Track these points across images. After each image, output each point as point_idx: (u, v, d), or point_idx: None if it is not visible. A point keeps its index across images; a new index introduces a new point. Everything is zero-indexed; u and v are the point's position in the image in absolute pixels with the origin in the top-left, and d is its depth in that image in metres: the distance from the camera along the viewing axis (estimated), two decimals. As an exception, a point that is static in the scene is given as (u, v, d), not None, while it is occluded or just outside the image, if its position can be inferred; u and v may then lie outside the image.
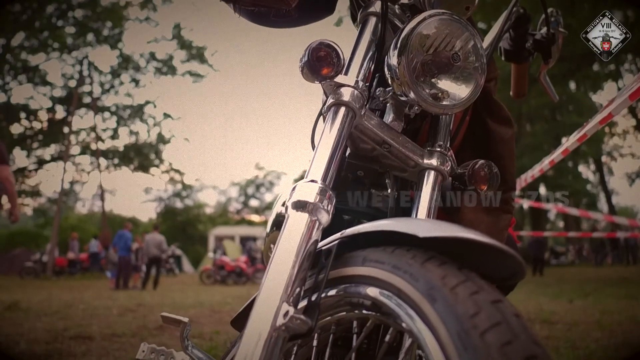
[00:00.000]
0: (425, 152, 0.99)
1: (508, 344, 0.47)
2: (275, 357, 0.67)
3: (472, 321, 0.50)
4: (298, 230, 0.76)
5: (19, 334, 4.39)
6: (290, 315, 0.67)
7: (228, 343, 3.93)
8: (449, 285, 0.55)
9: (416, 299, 0.58)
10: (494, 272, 0.62)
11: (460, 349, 0.48)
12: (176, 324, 1.22)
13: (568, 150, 2.25)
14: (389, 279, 0.64)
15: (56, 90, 26.18)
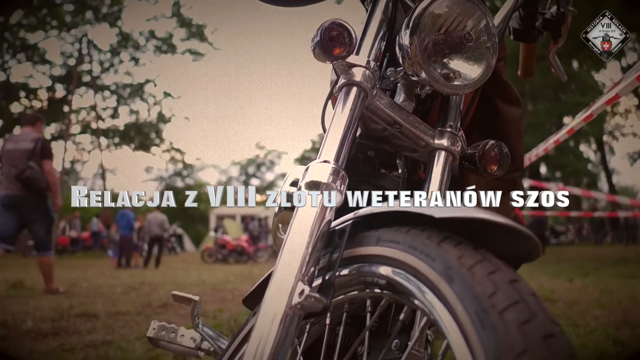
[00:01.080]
0: (436, 133, 0.99)
1: (527, 322, 0.48)
2: (290, 335, 0.68)
3: (490, 300, 0.50)
4: (312, 211, 0.76)
5: (25, 312, 4.44)
6: (305, 294, 0.68)
7: (232, 321, 3.98)
8: (466, 265, 0.56)
9: (433, 278, 0.58)
10: (508, 251, 0.63)
11: (478, 327, 0.49)
12: (187, 302, 1.23)
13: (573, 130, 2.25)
14: (404, 258, 0.64)
15: (55, 68, 26.04)
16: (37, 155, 5.36)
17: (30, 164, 5.28)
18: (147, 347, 3.04)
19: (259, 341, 0.67)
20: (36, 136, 5.58)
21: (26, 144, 5.44)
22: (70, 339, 3.47)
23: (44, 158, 5.40)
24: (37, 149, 5.39)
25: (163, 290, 6.66)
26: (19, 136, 5.69)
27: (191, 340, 1.29)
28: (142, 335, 3.42)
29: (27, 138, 5.52)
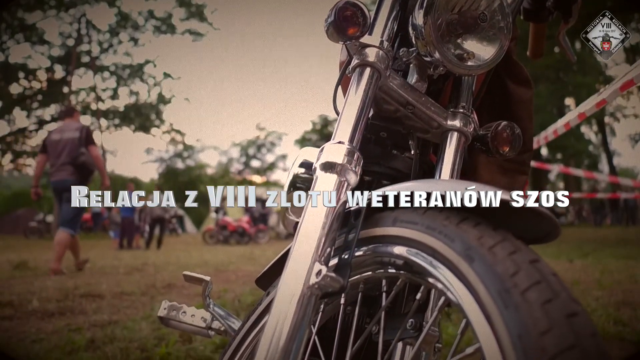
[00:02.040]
0: (448, 114, 0.99)
1: (549, 301, 0.48)
2: (308, 315, 0.69)
3: (512, 280, 0.51)
4: (327, 191, 0.77)
5: (30, 293, 4.47)
6: (323, 274, 0.69)
7: (236, 301, 4.01)
8: (487, 245, 0.56)
9: (452, 258, 0.59)
10: (526, 232, 0.63)
11: (501, 306, 0.50)
12: (198, 283, 1.24)
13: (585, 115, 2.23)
14: (422, 239, 0.65)
15: (54, 49, 25.87)
16: (84, 141, 5.99)
17: (82, 150, 5.91)
18: (153, 327, 3.07)
19: (277, 320, 0.68)
20: (79, 125, 6.18)
21: (72, 133, 6.02)
22: (76, 319, 3.50)
23: (90, 144, 6.06)
24: (84, 137, 6.02)
25: (166, 271, 6.70)
26: (63, 127, 6.24)
27: (201, 319, 1.30)
28: (147, 315, 3.45)
29: (72, 128, 6.11)
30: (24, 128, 27.18)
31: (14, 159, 28.97)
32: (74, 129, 6.10)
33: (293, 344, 0.67)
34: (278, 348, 0.66)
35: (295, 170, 1.27)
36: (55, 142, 6.05)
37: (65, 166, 5.94)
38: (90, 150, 6.03)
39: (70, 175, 5.92)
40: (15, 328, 3.23)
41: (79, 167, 5.93)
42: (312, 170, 0.81)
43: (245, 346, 0.92)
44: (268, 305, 0.91)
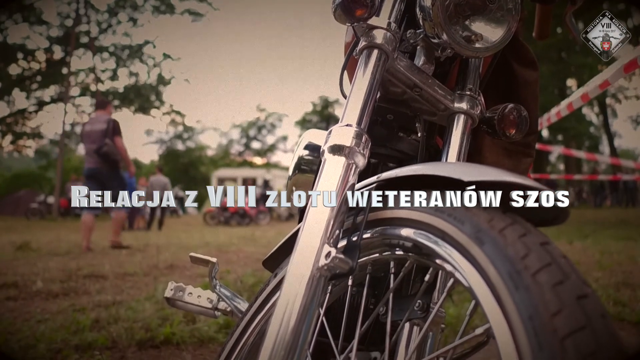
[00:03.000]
0: (455, 96, 0.98)
1: (560, 283, 0.49)
2: (317, 296, 0.70)
3: (523, 262, 0.51)
4: (335, 174, 0.77)
5: (34, 273, 4.51)
6: (332, 255, 0.69)
7: (238, 282, 4.04)
8: (497, 228, 0.57)
9: (462, 241, 0.59)
10: (535, 215, 0.63)
11: (511, 288, 0.50)
12: (204, 264, 1.25)
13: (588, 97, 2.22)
14: (431, 221, 0.65)
15: (53, 29, 25.66)
16: (110, 133, 6.60)
17: (106, 141, 6.52)
18: (156, 307, 3.10)
19: (287, 302, 0.69)
20: (108, 118, 6.82)
21: (101, 124, 6.67)
22: (80, 299, 3.53)
23: (116, 135, 6.65)
24: (110, 128, 6.63)
25: (168, 252, 6.74)
26: (95, 119, 6.95)
27: (207, 300, 1.32)
28: (151, 295, 3.48)
29: (101, 120, 6.76)
30: (24, 109, 27.10)
31: (14, 140, 28.95)
32: (103, 121, 6.71)
33: (303, 324, 0.68)
34: (288, 329, 0.67)
35: (300, 153, 1.27)
36: (87, 133, 6.74)
37: (93, 155, 6.60)
38: (115, 141, 6.61)
39: (97, 164, 6.60)
40: (20, 308, 3.26)
41: (102, 156, 6.53)
42: (320, 153, 0.81)
43: (254, 326, 0.93)
44: (276, 286, 0.92)
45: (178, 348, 2.45)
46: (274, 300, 0.91)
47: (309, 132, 1.34)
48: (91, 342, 2.38)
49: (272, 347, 0.66)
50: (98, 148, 6.53)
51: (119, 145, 6.68)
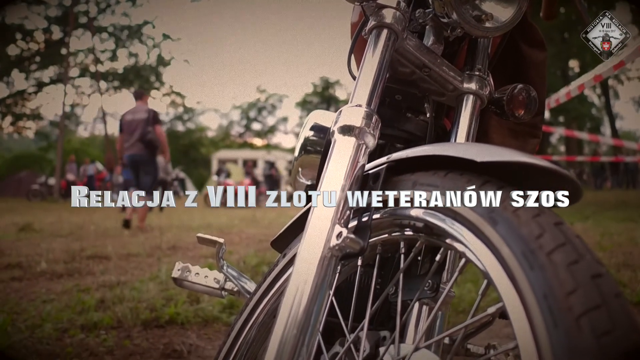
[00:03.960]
0: (464, 76, 0.98)
1: (574, 263, 0.49)
2: (328, 276, 0.70)
3: (537, 242, 0.52)
4: (346, 154, 0.77)
5: (37, 254, 4.53)
6: (343, 236, 0.69)
7: (241, 262, 4.07)
8: (510, 208, 0.57)
9: (475, 221, 0.60)
10: (548, 195, 0.64)
11: (526, 268, 0.51)
12: (212, 245, 1.25)
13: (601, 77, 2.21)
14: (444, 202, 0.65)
15: (51, 9, 25.42)
16: (151, 122, 7.19)
17: (149, 129, 7.10)
18: (160, 288, 3.13)
19: (299, 282, 0.69)
20: (147, 108, 7.46)
21: (142, 114, 7.23)
22: (84, 279, 3.56)
23: (156, 124, 7.31)
24: (151, 118, 7.21)
25: (170, 233, 6.76)
26: (135, 109, 7.45)
27: (214, 280, 1.33)
28: (154, 276, 3.51)
29: (142, 110, 7.34)
30: (23, 90, 26.99)
31: (14, 121, 28.88)
32: (144, 111, 7.29)
33: (314, 304, 0.68)
34: (300, 308, 0.67)
35: (306, 134, 1.27)
36: (128, 122, 7.24)
37: (136, 143, 7.11)
38: (155, 129, 7.22)
39: (141, 151, 7.15)
40: (25, 289, 3.29)
41: (146, 143, 7.11)
42: (330, 133, 0.81)
43: (263, 306, 0.94)
44: (285, 266, 0.92)
45: (183, 328, 2.48)
46: (283, 280, 0.92)
47: (314, 113, 1.34)
48: (97, 322, 2.41)
49: (284, 326, 0.67)
50: (142, 136, 7.07)
51: (159, 132, 7.35)
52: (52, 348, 2.09)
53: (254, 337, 0.95)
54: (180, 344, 2.24)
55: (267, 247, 5.20)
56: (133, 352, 2.15)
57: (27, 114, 28.43)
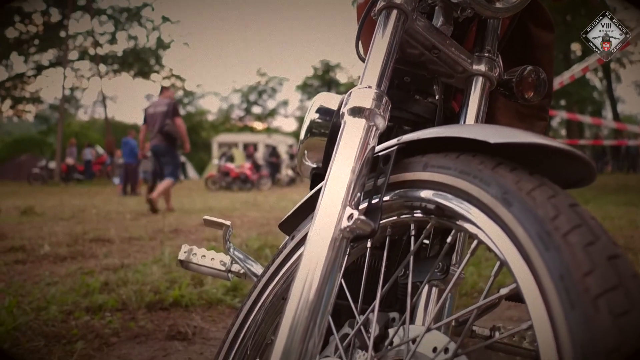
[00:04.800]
0: (474, 58, 0.97)
1: (591, 244, 0.49)
2: (339, 258, 0.70)
3: (553, 223, 0.51)
4: (356, 136, 0.76)
5: (40, 237, 4.55)
6: (355, 218, 0.69)
7: (244, 245, 4.08)
8: (525, 189, 0.57)
9: (488, 202, 0.59)
10: (560, 176, 0.63)
11: (541, 249, 0.51)
12: (218, 227, 1.26)
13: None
14: (456, 184, 0.65)
15: (49, -9, 25.19)
16: (170, 114, 7.66)
17: (167, 121, 7.59)
18: (164, 271, 3.14)
19: (310, 264, 0.69)
20: (168, 101, 7.91)
21: (162, 107, 7.74)
22: (87, 262, 3.58)
23: (176, 116, 7.78)
24: (170, 110, 7.70)
25: (172, 216, 6.78)
26: (157, 102, 8.05)
27: (220, 263, 1.33)
28: (157, 259, 3.52)
29: (163, 103, 7.85)
30: (22, 73, 26.87)
31: (13, 105, 28.79)
32: (164, 104, 7.78)
33: (326, 286, 0.68)
34: (311, 290, 0.68)
35: (312, 116, 1.26)
36: (151, 115, 7.80)
37: (157, 134, 7.64)
38: (175, 121, 7.69)
39: (161, 142, 7.66)
40: (29, 271, 3.30)
41: (165, 134, 7.58)
42: (340, 115, 0.80)
43: (271, 288, 0.94)
44: (294, 248, 0.92)
45: (187, 310, 2.49)
46: (291, 262, 0.92)
47: (320, 95, 1.33)
48: (101, 304, 2.42)
49: (296, 307, 0.67)
50: (160, 128, 7.56)
51: (178, 124, 7.74)
52: (58, 330, 2.10)
53: (263, 318, 0.95)
54: (185, 326, 2.25)
55: (269, 231, 5.21)
56: (138, 334, 2.16)
57: (27, 97, 28.35)
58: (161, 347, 2.07)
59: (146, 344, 2.09)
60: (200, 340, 2.16)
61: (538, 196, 0.55)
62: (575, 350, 0.44)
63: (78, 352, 1.93)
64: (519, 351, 0.94)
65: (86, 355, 1.94)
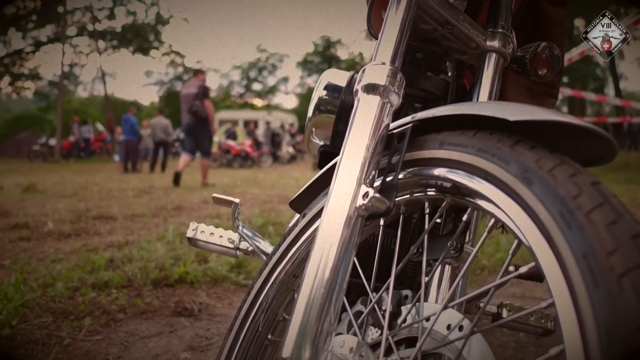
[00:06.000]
0: (487, 34, 0.96)
1: (614, 223, 0.48)
2: (354, 236, 0.70)
3: (575, 202, 0.51)
4: (370, 113, 0.75)
5: (44, 215, 4.56)
6: (370, 196, 0.69)
7: (247, 222, 4.09)
8: (546, 167, 0.56)
9: (508, 181, 0.59)
10: (580, 154, 0.63)
11: (563, 228, 0.50)
12: (227, 205, 1.25)
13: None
14: (473, 162, 0.64)
15: (46, -34, 24.83)
16: (200, 96, 8.39)
17: (196, 102, 8.33)
18: (168, 248, 3.15)
19: (324, 243, 0.69)
20: (199, 83, 8.62)
21: (193, 89, 8.51)
22: (91, 239, 3.59)
23: (205, 98, 8.50)
24: (200, 93, 8.42)
25: (174, 193, 6.79)
26: (189, 84, 8.91)
27: (229, 240, 1.34)
28: (161, 236, 3.53)
29: (194, 85, 8.62)
30: (21, 50, 26.65)
31: (12, 81, 28.62)
32: (195, 87, 8.51)
33: (341, 264, 0.68)
34: (327, 268, 0.67)
35: (320, 93, 1.25)
36: (184, 96, 8.59)
37: (188, 114, 8.40)
38: (203, 103, 8.41)
39: (190, 121, 8.43)
40: (34, 248, 3.32)
41: (193, 114, 8.34)
42: (354, 92, 0.79)
43: (282, 266, 0.94)
44: (305, 226, 0.92)
45: (192, 287, 2.51)
46: (303, 240, 0.92)
47: (328, 72, 1.31)
48: (107, 281, 2.44)
49: (311, 285, 0.67)
50: (189, 108, 8.32)
51: (206, 105, 8.47)
52: (65, 306, 2.12)
53: (274, 295, 0.96)
54: (191, 302, 2.27)
55: (272, 208, 5.22)
56: (145, 310, 2.18)
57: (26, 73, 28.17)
58: (168, 323, 2.09)
59: (153, 320, 2.11)
60: (206, 317, 2.18)
61: (559, 174, 0.55)
62: (599, 329, 0.44)
63: (86, 328, 1.95)
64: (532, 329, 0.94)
65: (94, 330, 1.96)
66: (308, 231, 0.92)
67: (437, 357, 0.75)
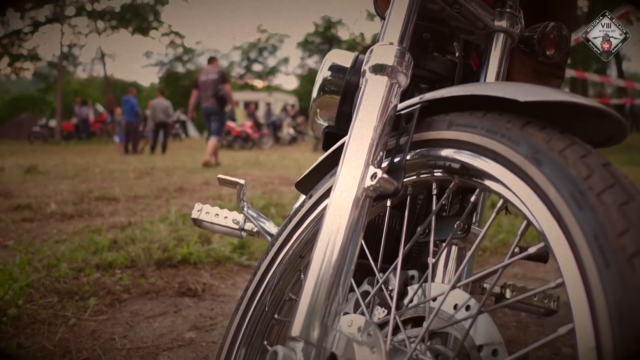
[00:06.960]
0: (495, 14, 0.95)
1: (626, 203, 0.49)
2: (363, 217, 0.70)
3: (586, 183, 0.51)
4: (378, 94, 0.75)
5: (46, 196, 4.57)
6: (378, 176, 0.69)
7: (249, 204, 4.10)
8: (556, 148, 0.56)
9: (518, 162, 0.59)
10: (589, 135, 0.63)
11: (574, 208, 0.50)
12: (232, 186, 1.26)
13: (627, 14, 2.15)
14: (482, 142, 0.64)
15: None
16: (221, 81, 9.21)
17: (220, 87, 9.14)
18: (171, 229, 3.16)
19: (333, 224, 0.69)
20: (218, 70, 9.56)
21: (213, 75, 9.29)
22: (94, 220, 3.60)
23: (225, 83, 9.33)
24: (221, 78, 9.28)
25: (175, 175, 6.79)
26: (208, 70, 9.55)
27: (234, 221, 1.34)
28: (164, 217, 3.54)
29: (213, 71, 9.41)
30: (19, 30, 26.44)
31: (11, 62, 28.45)
32: (215, 73, 9.33)
33: (350, 244, 0.68)
34: (335, 249, 0.68)
35: (324, 74, 1.24)
36: (203, 82, 9.25)
37: (209, 98, 9.13)
38: (225, 87, 9.21)
39: (213, 104, 9.17)
40: (37, 229, 3.33)
41: (218, 98, 9.09)
42: (362, 73, 0.79)
43: (289, 247, 0.95)
44: (311, 207, 0.92)
45: (196, 267, 2.53)
46: (309, 221, 0.93)
47: (332, 52, 1.31)
48: (111, 261, 2.45)
49: (320, 266, 0.67)
50: (214, 92, 9.06)
51: (227, 90, 9.28)
52: (70, 287, 2.13)
53: (280, 276, 0.96)
54: (195, 283, 2.29)
55: (273, 189, 5.22)
56: (149, 291, 2.20)
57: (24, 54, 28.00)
58: (172, 303, 2.11)
59: (157, 300, 2.13)
60: (210, 297, 2.20)
61: (570, 155, 0.55)
62: (610, 309, 0.45)
63: (91, 308, 1.97)
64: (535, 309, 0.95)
65: (99, 310, 1.98)
66: (314, 212, 0.92)
67: (443, 336, 0.76)
